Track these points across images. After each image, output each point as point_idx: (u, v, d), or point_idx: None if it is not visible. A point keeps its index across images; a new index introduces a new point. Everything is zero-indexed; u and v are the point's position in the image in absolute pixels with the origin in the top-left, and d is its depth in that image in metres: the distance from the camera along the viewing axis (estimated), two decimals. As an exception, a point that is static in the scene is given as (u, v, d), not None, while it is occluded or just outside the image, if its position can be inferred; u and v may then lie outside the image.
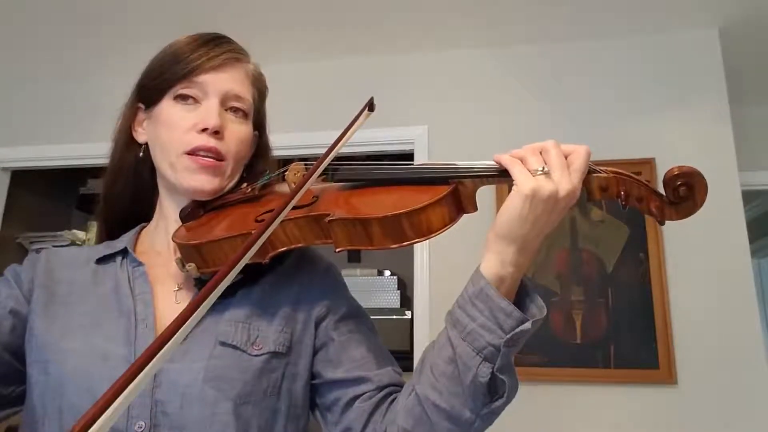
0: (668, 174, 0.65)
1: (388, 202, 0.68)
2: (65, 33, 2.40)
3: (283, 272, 0.80)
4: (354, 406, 0.75)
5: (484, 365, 0.64)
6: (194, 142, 0.76)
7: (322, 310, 0.80)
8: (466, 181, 0.69)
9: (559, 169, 0.63)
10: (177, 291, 0.78)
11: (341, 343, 0.78)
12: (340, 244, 0.68)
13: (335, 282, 0.85)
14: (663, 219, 0.66)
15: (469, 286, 0.67)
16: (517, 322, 0.63)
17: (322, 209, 0.70)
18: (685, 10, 2.16)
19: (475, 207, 0.70)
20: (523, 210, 0.63)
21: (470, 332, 0.65)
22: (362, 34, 2.38)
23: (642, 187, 0.66)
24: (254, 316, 0.75)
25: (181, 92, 0.78)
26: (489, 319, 0.64)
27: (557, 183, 0.63)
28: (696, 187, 0.64)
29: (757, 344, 1.95)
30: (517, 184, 0.63)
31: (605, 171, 0.66)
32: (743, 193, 2.09)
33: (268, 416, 0.72)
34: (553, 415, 2.00)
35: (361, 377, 0.76)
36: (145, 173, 0.84)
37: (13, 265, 0.81)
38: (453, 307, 0.69)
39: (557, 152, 0.64)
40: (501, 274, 0.65)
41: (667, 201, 0.65)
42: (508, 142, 2.43)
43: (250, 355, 0.72)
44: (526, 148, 0.65)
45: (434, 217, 0.65)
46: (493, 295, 0.64)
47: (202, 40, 0.81)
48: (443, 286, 2.17)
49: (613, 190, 0.66)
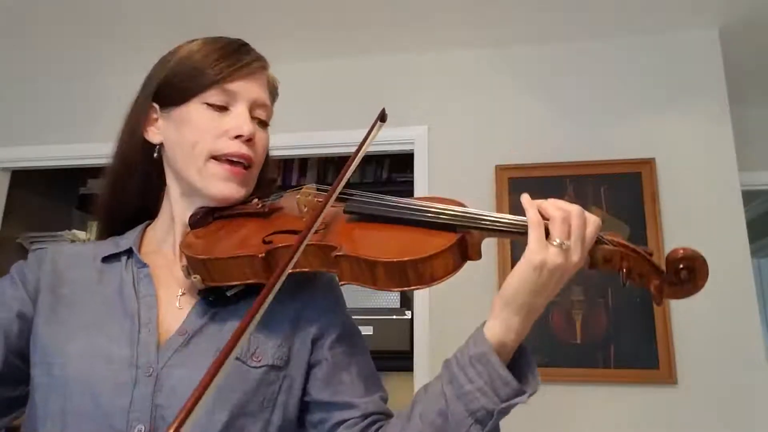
0: (672, 255, 0.65)
1: (395, 245, 0.68)
2: (65, 33, 2.40)
3: (286, 288, 0.81)
4: (338, 431, 0.76)
5: (475, 427, 0.65)
6: (227, 149, 0.77)
7: (319, 328, 0.80)
8: (474, 232, 0.69)
9: (576, 243, 0.64)
10: (180, 296, 0.78)
11: (334, 364, 0.79)
12: (344, 279, 0.69)
13: (335, 301, 0.85)
14: (661, 300, 0.67)
15: (471, 347, 0.67)
16: (513, 393, 0.64)
17: (331, 240, 0.70)
18: (685, 10, 2.16)
19: (479, 255, 0.70)
20: (531, 279, 0.64)
21: (466, 393, 0.65)
22: (362, 34, 2.38)
23: (646, 264, 0.66)
24: (255, 330, 0.75)
25: (212, 100, 0.78)
26: (487, 383, 0.64)
27: (569, 257, 0.63)
28: (698, 271, 0.65)
29: (757, 344, 1.95)
30: (528, 251, 0.64)
31: (611, 242, 0.67)
32: (743, 193, 2.09)
33: (262, 428, 0.72)
34: (553, 415, 2.00)
35: (347, 403, 0.77)
36: (154, 173, 0.84)
37: (20, 263, 0.81)
38: (451, 361, 0.69)
39: (581, 225, 0.64)
40: (503, 339, 0.66)
41: (668, 281, 0.66)
42: (507, 142, 2.44)
43: (250, 367, 0.72)
44: (556, 209, 0.65)
45: (438, 267, 0.66)
46: (494, 363, 0.64)
47: (230, 48, 0.81)
48: (443, 287, 2.17)
49: (616, 264, 0.67)
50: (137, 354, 0.70)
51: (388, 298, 2.92)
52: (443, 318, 2.14)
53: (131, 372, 0.69)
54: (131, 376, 0.69)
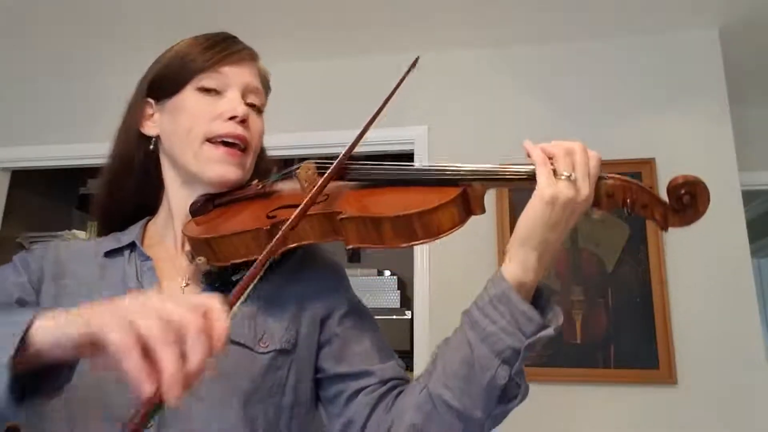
0: (672, 182, 0.66)
1: (399, 202, 0.69)
2: (65, 33, 2.40)
3: (288, 270, 0.81)
4: (357, 399, 0.75)
5: (503, 368, 0.64)
6: (221, 130, 0.77)
7: (327, 307, 0.80)
8: (475, 184, 0.70)
9: (581, 175, 0.64)
10: (185, 287, 0.78)
11: (345, 338, 0.79)
12: (351, 241, 0.69)
13: (339, 279, 0.85)
14: (666, 226, 0.68)
15: (491, 289, 0.67)
16: (538, 327, 0.64)
17: (335, 207, 0.71)
18: (685, 10, 2.16)
19: (483, 209, 0.71)
20: (544, 215, 0.64)
21: (490, 334, 0.65)
22: (362, 34, 2.38)
23: (647, 194, 0.67)
24: (261, 314, 0.75)
25: (204, 84, 0.79)
26: (510, 323, 0.64)
27: (578, 189, 0.64)
28: (699, 195, 0.66)
29: (757, 344, 1.95)
30: (538, 188, 0.65)
31: (613, 177, 0.68)
32: (743, 193, 2.09)
33: (274, 413, 0.72)
34: (553, 415, 2.00)
35: (364, 371, 0.76)
36: (152, 167, 0.84)
37: (23, 252, 0.82)
38: (471, 308, 0.69)
39: (584, 158, 0.65)
40: (522, 279, 0.66)
41: (671, 208, 0.67)
42: (507, 142, 2.44)
43: (257, 353, 0.72)
44: (557, 146, 0.66)
45: (444, 218, 0.66)
46: (515, 299, 0.65)
47: (218, 38, 0.82)
48: (443, 286, 2.17)
49: (618, 198, 0.68)
50: None
51: (388, 298, 2.93)
52: (443, 318, 2.14)
53: None
54: None
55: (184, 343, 0.45)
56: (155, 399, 0.45)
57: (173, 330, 0.46)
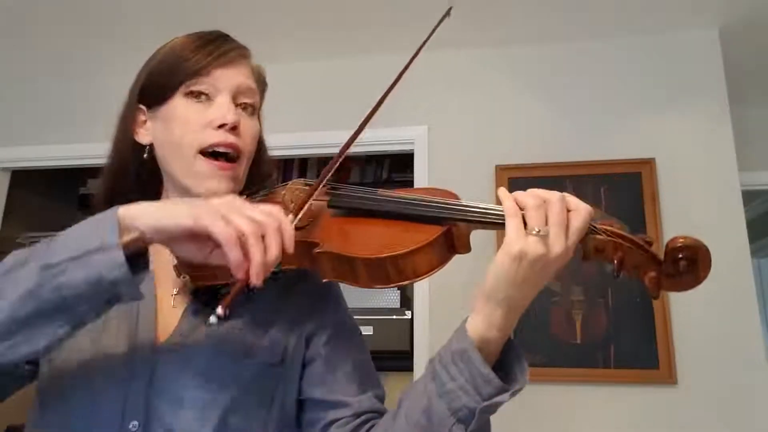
0: (671, 243, 0.60)
1: (378, 239, 0.66)
2: (65, 33, 2.40)
3: (283, 284, 0.80)
4: (330, 430, 0.75)
5: (458, 427, 0.63)
6: (211, 139, 0.76)
7: (314, 326, 0.80)
8: (461, 224, 0.67)
9: (556, 230, 0.60)
10: (175, 295, 0.78)
11: (327, 360, 0.78)
12: (327, 275, 0.68)
13: (331, 298, 0.84)
14: (657, 293, 0.62)
15: (453, 343, 0.65)
16: (495, 391, 0.62)
17: (315, 236, 0.69)
18: (685, 10, 2.16)
19: (467, 249, 0.68)
20: (510, 270, 0.61)
21: (448, 391, 0.63)
22: (362, 34, 2.38)
23: (640, 254, 0.62)
24: (250, 327, 0.75)
25: (193, 88, 0.77)
26: (468, 381, 0.62)
27: (550, 245, 0.60)
28: (699, 262, 0.60)
29: (757, 344, 1.95)
30: (506, 242, 0.61)
31: (605, 232, 0.63)
32: (743, 193, 2.09)
33: (259, 427, 0.72)
34: (553, 415, 2.00)
35: (340, 401, 0.76)
36: (148, 174, 0.83)
37: None
38: (435, 358, 0.67)
39: (560, 209, 0.61)
40: (486, 336, 0.63)
41: (665, 272, 0.61)
42: (507, 142, 2.43)
43: (245, 365, 0.72)
44: (531, 197, 0.62)
45: (421, 262, 0.64)
46: (475, 359, 0.62)
47: (206, 38, 0.80)
48: (443, 286, 2.17)
49: (608, 254, 0.63)
50: (134, 352, 0.71)
51: (388, 298, 2.92)
52: (443, 318, 2.14)
53: (127, 369, 0.70)
54: (127, 373, 0.69)
55: (265, 238, 0.59)
56: (243, 282, 0.58)
57: (259, 228, 0.59)
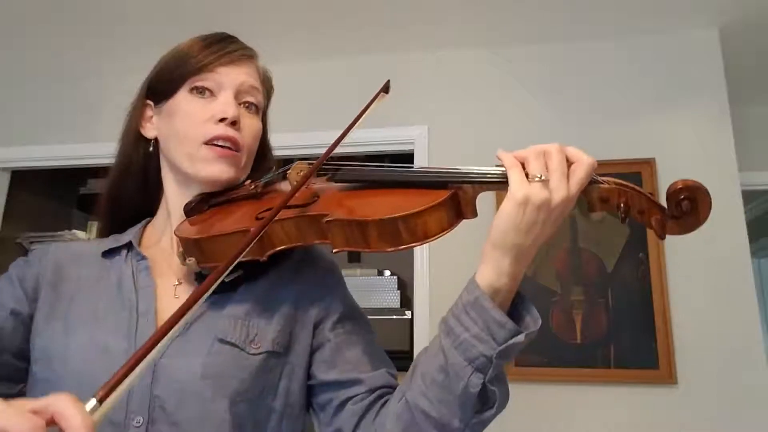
0: (671, 187, 0.63)
1: (386, 204, 0.67)
2: (65, 33, 2.40)
3: (285, 271, 0.81)
4: (346, 408, 0.75)
5: (476, 376, 0.64)
6: (213, 132, 0.78)
7: (321, 311, 0.80)
8: (466, 187, 0.68)
9: (557, 176, 0.62)
10: (177, 285, 0.79)
11: (337, 344, 0.79)
12: (338, 245, 0.68)
13: (335, 283, 0.85)
14: (663, 233, 0.65)
15: (464, 295, 0.66)
16: (510, 334, 0.63)
17: (321, 209, 0.70)
18: (684, 10, 2.16)
19: (474, 213, 0.69)
20: (516, 218, 0.62)
21: (463, 342, 0.64)
22: (362, 34, 2.38)
23: (644, 199, 0.64)
24: (254, 314, 0.75)
25: (198, 84, 0.79)
26: (482, 329, 0.63)
27: (552, 191, 0.61)
28: (699, 202, 0.63)
29: (757, 344, 1.95)
30: (510, 189, 0.63)
31: (607, 182, 0.65)
32: (743, 193, 2.09)
33: (264, 415, 0.72)
34: (553, 415, 2.00)
35: (354, 379, 0.76)
36: (152, 169, 0.85)
37: (20, 260, 0.82)
38: (447, 314, 0.68)
39: (560, 158, 0.63)
40: (496, 284, 0.64)
41: (669, 215, 0.64)
42: (507, 142, 2.43)
43: (249, 354, 0.72)
44: (530, 150, 0.64)
45: (431, 222, 0.65)
46: (487, 306, 0.63)
47: (214, 39, 0.83)
48: (443, 286, 2.17)
49: (613, 202, 0.65)
50: (135, 345, 0.70)
51: (388, 298, 2.93)
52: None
53: None
54: None
55: None
56: None
57: None
